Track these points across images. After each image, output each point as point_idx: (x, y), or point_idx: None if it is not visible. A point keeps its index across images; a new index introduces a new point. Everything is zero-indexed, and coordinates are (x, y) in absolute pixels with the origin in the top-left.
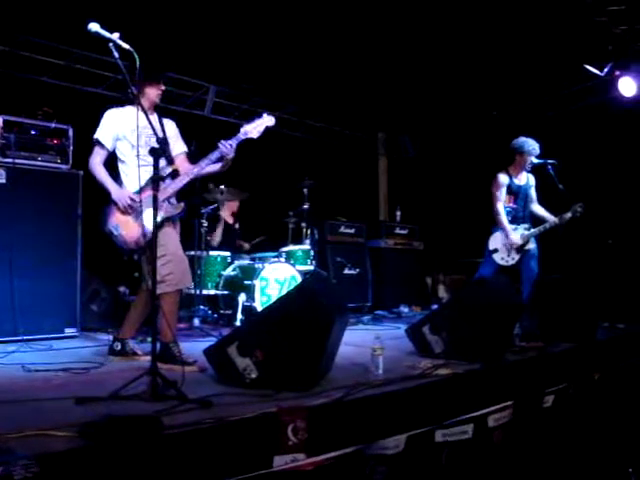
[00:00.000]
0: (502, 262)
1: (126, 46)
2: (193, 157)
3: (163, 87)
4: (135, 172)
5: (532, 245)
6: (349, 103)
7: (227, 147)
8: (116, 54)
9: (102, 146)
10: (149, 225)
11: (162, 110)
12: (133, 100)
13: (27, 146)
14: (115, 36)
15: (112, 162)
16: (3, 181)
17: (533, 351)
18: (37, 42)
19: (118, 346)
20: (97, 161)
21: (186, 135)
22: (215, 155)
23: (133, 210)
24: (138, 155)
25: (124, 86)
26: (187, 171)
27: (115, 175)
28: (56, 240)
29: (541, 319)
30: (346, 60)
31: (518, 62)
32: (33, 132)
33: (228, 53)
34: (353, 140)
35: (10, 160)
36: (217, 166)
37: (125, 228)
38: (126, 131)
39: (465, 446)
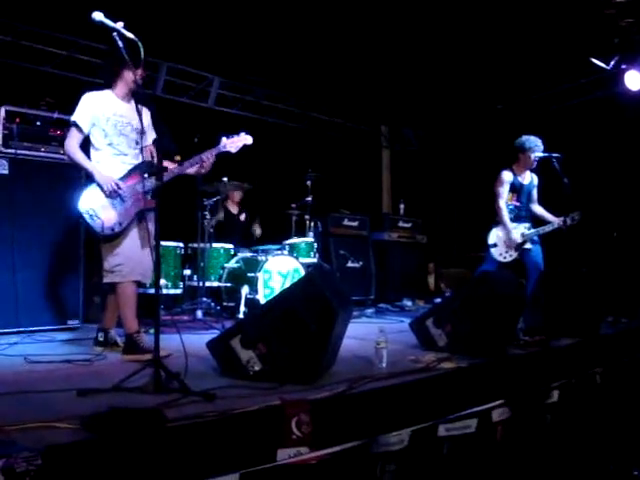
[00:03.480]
0: (500, 258)
1: (131, 35)
2: (196, 149)
3: (140, 72)
4: (107, 160)
5: (531, 245)
6: (353, 95)
7: (207, 156)
8: (120, 44)
9: (79, 129)
10: (126, 214)
11: (166, 101)
12: (112, 85)
13: (30, 137)
14: (119, 25)
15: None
16: (5, 172)
17: (536, 345)
18: (39, 32)
19: (102, 336)
20: (74, 143)
21: (190, 126)
22: (195, 160)
23: (116, 196)
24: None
25: (107, 71)
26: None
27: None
28: (59, 231)
29: (545, 313)
30: (350, 53)
31: (523, 55)
32: (36, 123)
33: (232, 45)
34: (356, 133)
35: (12, 151)
36: (192, 169)
37: (102, 214)
38: (101, 118)
39: (468, 440)
